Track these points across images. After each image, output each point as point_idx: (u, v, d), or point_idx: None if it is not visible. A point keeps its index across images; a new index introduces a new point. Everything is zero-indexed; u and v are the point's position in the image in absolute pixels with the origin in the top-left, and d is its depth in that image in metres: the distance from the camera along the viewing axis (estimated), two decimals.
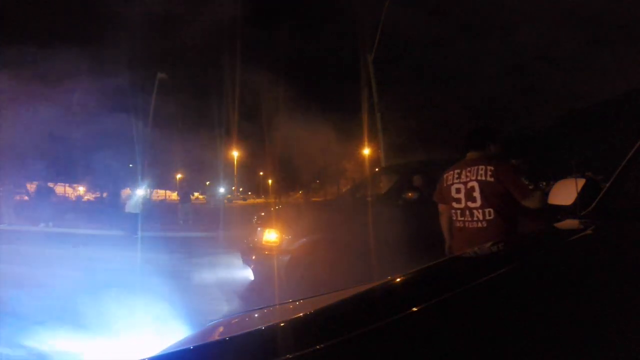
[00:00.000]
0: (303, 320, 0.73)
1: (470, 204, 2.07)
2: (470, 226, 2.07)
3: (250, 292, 3.35)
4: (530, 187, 1.98)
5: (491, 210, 2.01)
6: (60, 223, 9.96)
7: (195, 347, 0.70)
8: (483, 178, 2.02)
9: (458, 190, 2.11)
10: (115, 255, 5.51)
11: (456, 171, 2.16)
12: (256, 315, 0.92)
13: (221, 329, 0.85)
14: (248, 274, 3.44)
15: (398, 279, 0.89)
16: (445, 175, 2.23)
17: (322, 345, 0.55)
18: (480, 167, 2.05)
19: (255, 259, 3.31)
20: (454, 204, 2.15)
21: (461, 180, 2.11)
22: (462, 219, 2.11)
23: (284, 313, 0.92)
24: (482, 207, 2.03)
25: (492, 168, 2.01)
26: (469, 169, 2.09)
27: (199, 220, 11.67)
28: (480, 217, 2.04)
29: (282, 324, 0.72)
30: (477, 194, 2.03)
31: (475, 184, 2.04)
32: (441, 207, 2.37)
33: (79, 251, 5.86)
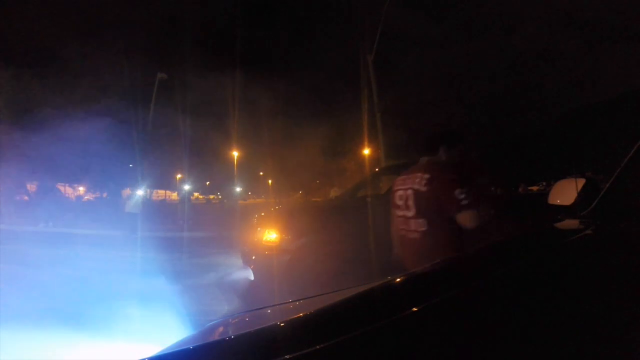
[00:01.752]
0: (303, 320, 0.72)
1: (407, 213, 1.94)
2: (409, 236, 1.94)
3: (251, 292, 3.35)
4: (465, 202, 1.74)
5: (424, 221, 1.86)
6: (63, 223, 9.94)
7: (195, 347, 0.70)
8: (417, 187, 1.89)
9: (400, 197, 2.00)
10: (114, 255, 5.52)
11: (403, 177, 2.03)
12: (256, 315, 0.92)
13: (221, 329, 0.85)
14: (248, 274, 3.44)
15: (398, 279, 0.89)
16: (395, 180, 2.10)
17: (322, 345, 0.55)
18: (418, 174, 1.91)
19: (256, 259, 3.30)
20: (397, 211, 2.02)
21: (403, 187, 1.99)
22: (403, 227, 1.98)
23: (284, 313, 0.91)
24: (415, 216, 1.89)
25: (428, 176, 1.87)
26: (410, 175, 1.96)
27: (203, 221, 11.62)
28: (414, 227, 1.90)
29: (282, 324, 0.72)
30: (411, 202, 1.91)
31: (410, 192, 1.92)
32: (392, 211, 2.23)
33: (78, 251, 5.85)
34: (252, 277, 3.34)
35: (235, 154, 22.21)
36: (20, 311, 2.75)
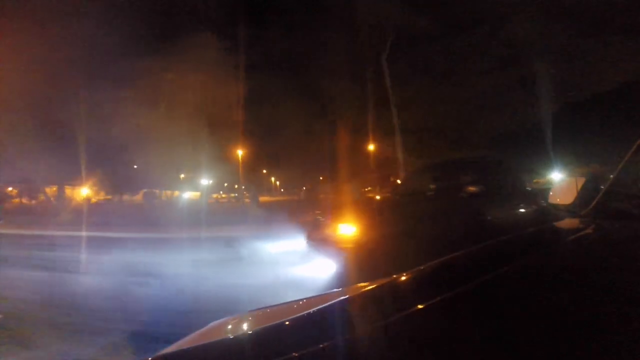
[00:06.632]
0: (305, 319, 0.73)
1: None
2: None
3: (328, 285, 3.38)
4: None
5: None
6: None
7: (195, 347, 0.70)
8: None
9: None
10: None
11: None
12: (257, 315, 0.93)
13: (222, 328, 0.85)
14: (321, 268, 3.46)
15: (403, 277, 0.90)
16: None
17: (325, 344, 0.55)
18: None
19: (332, 251, 3.36)
20: None
21: None
22: None
23: (286, 312, 0.92)
24: None
25: None
26: None
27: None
28: None
29: (287, 322, 0.72)
30: None
31: None
32: None
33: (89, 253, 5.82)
34: (330, 271, 3.41)
35: (239, 152, 22.36)
36: (22, 311, 2.79)
